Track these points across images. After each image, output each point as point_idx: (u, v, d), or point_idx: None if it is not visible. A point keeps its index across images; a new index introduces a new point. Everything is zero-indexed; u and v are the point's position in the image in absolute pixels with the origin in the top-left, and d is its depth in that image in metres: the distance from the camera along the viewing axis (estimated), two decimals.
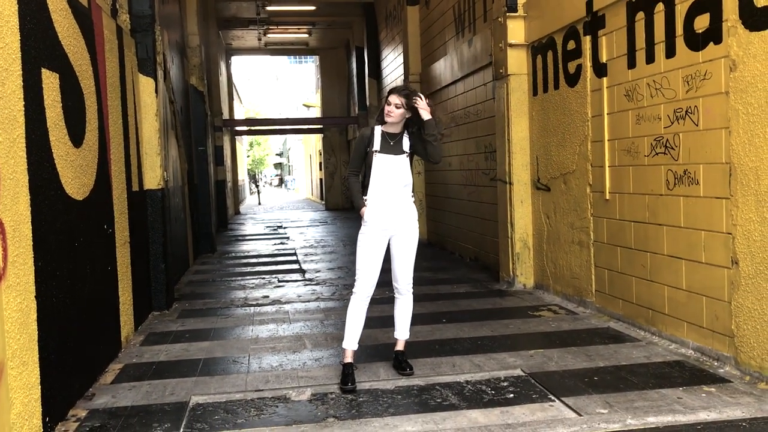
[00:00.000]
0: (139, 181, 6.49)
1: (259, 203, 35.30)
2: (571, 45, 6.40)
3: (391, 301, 4.98)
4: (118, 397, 4.33)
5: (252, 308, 7.06)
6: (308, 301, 7.35)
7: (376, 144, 4.58)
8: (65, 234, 4.13)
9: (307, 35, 21.89)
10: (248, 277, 9.23)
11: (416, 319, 5.35)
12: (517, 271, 7.52)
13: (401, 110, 4.49)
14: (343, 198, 25.32)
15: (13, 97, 3.40)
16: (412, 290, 4.87)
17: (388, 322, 5.16)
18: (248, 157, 55.62)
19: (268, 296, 7.75)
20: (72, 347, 4.15)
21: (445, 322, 6.10)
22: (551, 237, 7.01)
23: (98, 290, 4.85)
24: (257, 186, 42.86)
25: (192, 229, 10.93)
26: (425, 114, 4.49)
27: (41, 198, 3.71)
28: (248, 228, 18.16)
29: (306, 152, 42.36)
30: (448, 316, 6.31)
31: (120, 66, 5.91)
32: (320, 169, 31.92)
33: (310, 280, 8.84)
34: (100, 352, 4.89)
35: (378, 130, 4.62)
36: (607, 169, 5.87)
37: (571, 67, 6.42)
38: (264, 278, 9.10)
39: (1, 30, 3.29)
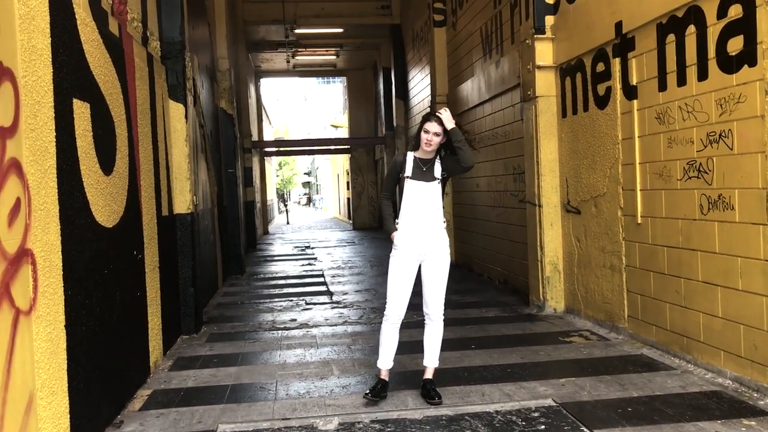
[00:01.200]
0: (168, 206, 6.54)
1: (288, 222, 35.49)
2: (601, 67, 6.34)
3: (419, 325, 4.95)
4: (146, 425, 4.33)
5: (280, 332, 7.05)
6: (335, 325, 7.32)
7: (408, 170, 4.66)
8: (95, 262, 4.16)
9: (334, 57, 22.07)
10: (276, 300, 9.24)
11: (445, 345, 5.29)
12: (548, 294, 7.41)
13: (440, 138, 4.56)
14: (370, 218, 25.35)
15: (45, 128, 3.44)
16: (443, 316, 4.83)
17: (416, 347, 5.12)
18: (277, 176, 56.08)
19: (295, 319, 7.74)
20: (101, 375, 4.17)
21: (474, 348, 6.02)
22: (582, 260, 6.90)
23: (127, 317, 4.88)
24: (285, 205, 43.09)
25: (221, 251, 11.00)
26: (449, 123, 4.55)
27: (71, 227, 3.75)
28: (276, 248, 18.25)
29: (333, 171, 42.58)
30: (476, 342, 6.22)
31: (150, 92, 5.99)
32: (348, 189, 32.05)
33: (337, 302, 8.81)
34: (129, 379, 4.90)
35: (410, 156, 4.71)
36: (638, 192, 5.77)
37: (601, 89, 6.35)
38: (292, 300, 9.09)
39: (34, 64, 3.35)
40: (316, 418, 4.35)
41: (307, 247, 18.04)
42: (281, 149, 28.74)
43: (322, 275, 11.74)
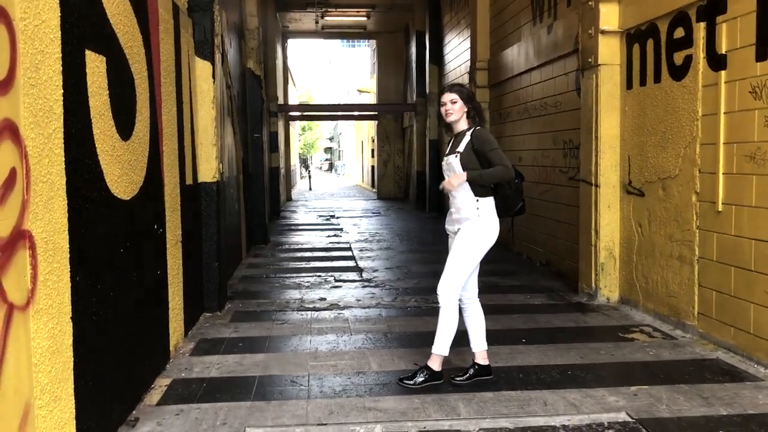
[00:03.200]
0: (193, 174, 5.99)
1: (310, 189, 35.01)
2: (679, 33, 5.61)
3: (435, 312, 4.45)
4: (165, 425, 3.82)
5: (309, 313, 6.53)
6: (368, 307, 6.77)
7: (447, 148, 4.65)
8: (109, 240, 3.62)
9: (365, 18, 21.25)
10: (303, 274, 8.71)
11: (492, 337, 4.79)
12: (601, 282, 6.79)
13: (459, 104, 4.41)
14: (396, 187, 24.71)
15: (49, 84, 2.87)
16: (443, 296, 4.43)
17: (460, 339, 4.60)
18: (300, 141, 55.51)
19: (325, 298, 7.21)
20: (113, 369, 3.65)
21: (525, 342, 5.44)
22: (643, 248, 6.26)
23: (145, 299, 4.36)
24: (308, 171, 42.61)
25: (246, 220, 10.49)
26: (456, 181, 4.33)
27: (81, 201, 3.19)
28: (300, 217, 17.74)
29: (357, 138, 41.87)
30: (527, 335, 5.64)
31: (175, 48, 5.39)
32: (372, 156, 31.38)
33: (368, 280, 8.27)
34: (147, 366, 4.40)
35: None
36: (720, 176, 5.09)
37: (678, 58, 5.63)
38: (320, 276, 8.56)
39: (37, 4, 2.76)
40: (356, 424, 3.82)
41: (332, 217, 17.50)
42: (307, 113, 28.05)
43: (350, 248, 11.19)
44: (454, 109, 4.40)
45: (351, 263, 9.64)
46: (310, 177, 37.95)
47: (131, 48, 4.11)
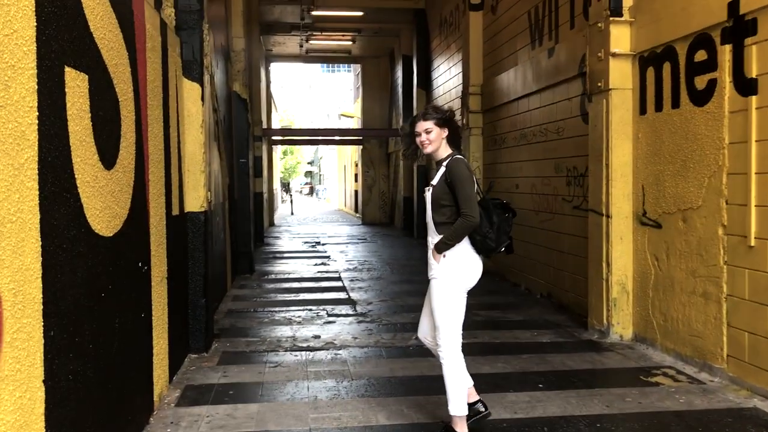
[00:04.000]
0: (180, 204, 5.53)
1: (292, 213, 34.49)
2: (701, 56, 5.30)
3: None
4: None
5: (303, 353, 6.05)
6: (367, 347, 6.31)
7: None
8: (89, 284, 3.15)
9: (350, 42, 20.99)
10: (293, 308, 8.23)
11: (504, 381, 4.39)
12: (613, 319, 6.40)
13: (434, 133, 3.92)
14: (380, 213, 24.32)
15: (22, 105, 2.42)
16: (442, 351, 3.92)
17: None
18: (281, 165, 55.09)
19: (319, 336, 6.73)
20: (91, 429, 3.16)
21: (543, 388, 5.01)
22: (661, 283, 5.89)
23: (128, 346, 3.87)
24: (290, 195, 42.10)
25: (231, 248, 9.99)
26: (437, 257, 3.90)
27: (58, 242, 2.73)
28: (285, 243, 17.23)
29: (340, 162, 41.52)
30: (543, 380, 5.21)
31: (163, 68, 4.96)
32: (355, 181, 31.00)
33: (362, 315, 7.80)
34: (128, 423, 3.90)
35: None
36: (753, 208, 4.74)
37: (700, 82, 5.32)
38: (311, 310, 8.08)
39: (8, 11, 2.32)
40: None
41: (318, 243, 17.01)
42: (291, 138, 27.64)
43: (340, 278, 10.73)
44: (431, 139, 3.91)
45: (342, 295, 9.17)
46: (291, 201, 37.44)
47: (116, 66, 3.68)
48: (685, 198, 5.54)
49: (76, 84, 3.03)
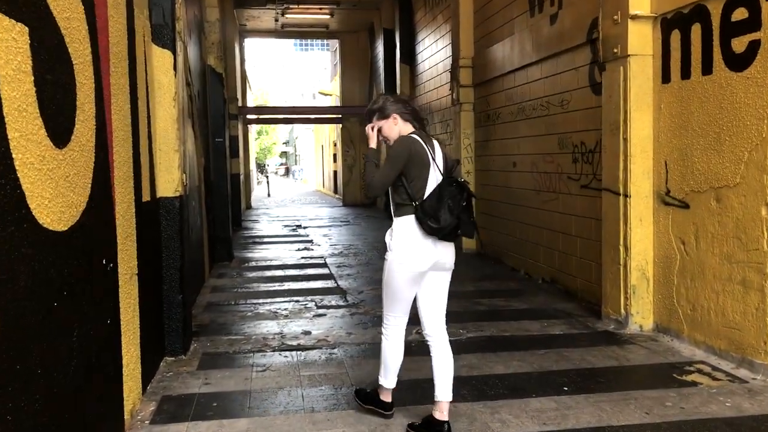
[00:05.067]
0: (151, 188, 4.84)
1: (269, 195, 33.68)
2: (740, 14, 4.72)
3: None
4: None
5: (293, 353, 5.42)
6: (363, 344, 5.71)
7: None
8: (36, 295, 2.48)
9: (328, 16, 20.14)
10: (278, 299, 7.58)
11: (524, 384, 3.90)
12: (632, 308, 5.87)
13: (383, 123, 3.81)
14: (361, 193, 23.64)
15: None
16: (382, 329, 3.91)
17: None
18: (256, 145, 54.03)
19: (309, 332, 6.11)
20: None
21: (569, 391, 4.44)
22: (688, 269, 5.35)
23: (91, 362, 3.21)
24: (267, 177, 41.22)
25: (208, 234, 9.29)
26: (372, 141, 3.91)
27: None
28: (264, 227, 16.51)
29: (317, 142, 40.68)
30: (566, 380, 4.65)
31: (128, 31, 4.25)
32: (334, 161, 30.26)
33: (354, 305, 7.19)
34: None
35: None
36: None
37: (738, 44, 4.74)
38: (298, 301, 7.45)
39: None
40: None
41: (299, 226, 16.33)
42: (266, 116, 26.74)
43: (326, 264, 10.09)
44: (385, 132, 3.80)
45: (330, 283, 8.55)
46: (268, 182, 36.58)
47: (69, 21, 2.97)
48: (718, 175, 4.98)
49: (11, 36, 2.34)
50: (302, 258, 10.86)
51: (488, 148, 10.20)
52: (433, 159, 3.67)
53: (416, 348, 5.04)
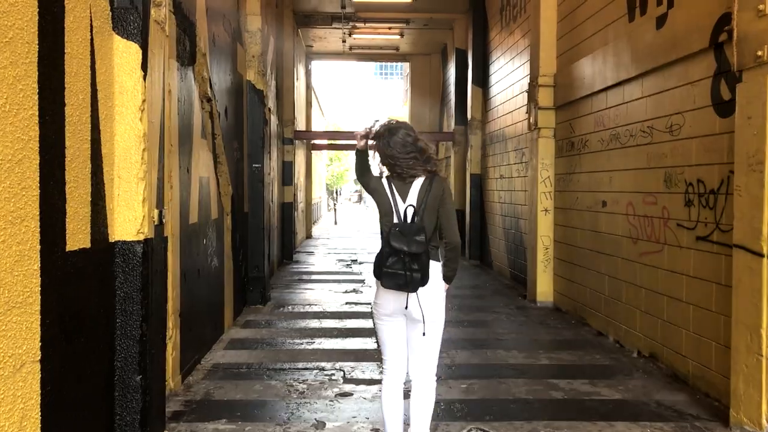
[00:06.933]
0: (96, 230, 3.46)
1: (335, 222, 32.56)
2: None
3: None
4: None
5: None
6: None
7: None
8: None
9: (398, 37, 18.86)
10: (301, 363, 6.12)
11: None
12: None
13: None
14: None
15: None
16: None
17: None
18: (327, 172, 53.49)
19: (323, 423, 4.59)
20: None
21: None
22: None
23: None
24: (335, 203, 40.26)
25: (234, 274, 7.95)
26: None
27: None
28: (317, 261, 15.16)
29: None
30: None
31: (54, 12, 2.92)
32: None
33: None
34: None
35: None
36: None
37: None
38: (323, 369, 5.95)
39: None
40: None
41: (354, 261, 14.89)
42: (331, 142, 25.59)
43: (372, 316, 8.54)
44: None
45: (370, 342, 7.01)
46: (335, 211, 35.51)
47: None
48: None
49: None
50: (347, 303, 9.36)
51: (571, 183, 8.49)
52: (394, 202, 3.66)
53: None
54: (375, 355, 6.45)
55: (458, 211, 16.14)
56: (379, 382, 5.62)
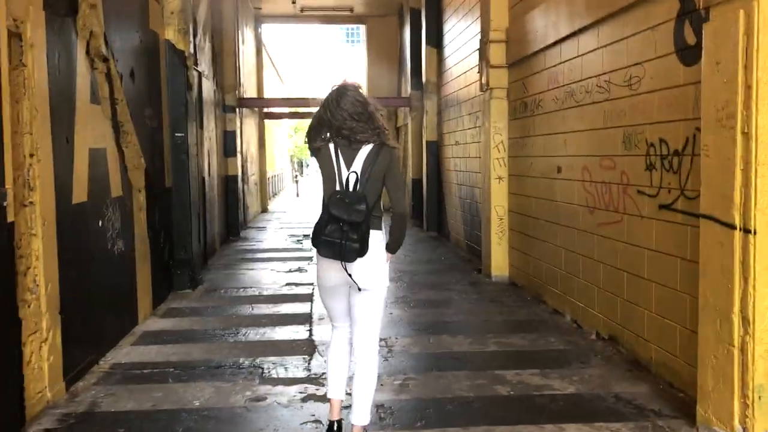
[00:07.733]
0: None
1: (297, 195, 31.67)
2: None
3: None
4: None
5: None
6: None
7: None
8: None
9: None
10: (215, 362, 5.35)
11: None
12: (757, 423, 3.43)
13: None
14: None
15: None
16: None
17: None
18: (290, 143, 52.29)
19: None
20: None
21: None
22: None
23: None
24: (298, 175, 39.29)
25: (152, 258, 7.10)
26: None
27: None
28: (267, 237, 14.32)
29: None
30: None
31: None
32: None
33: (317, 379, 4.88)
34: None
35: None
36: None
37: None
38: (240, 368, 5.18)
39: None
40: None
41: (306, 237, 14.07)
42: (293, 110, 24.43)
43: (311, 298, 7.78)
44: None
45: (302, 331, 6.28)
46: (297, 182, 34.59)
47: None
48: None
49: None
50: (286, 285, 8.59)
51: (525, 147, 7.77)
52: (338, 168, 3.51)
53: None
54: (304, 347, 5.72)
55: (416, 180, 15.41)
56: (301, 380, 4.89)
